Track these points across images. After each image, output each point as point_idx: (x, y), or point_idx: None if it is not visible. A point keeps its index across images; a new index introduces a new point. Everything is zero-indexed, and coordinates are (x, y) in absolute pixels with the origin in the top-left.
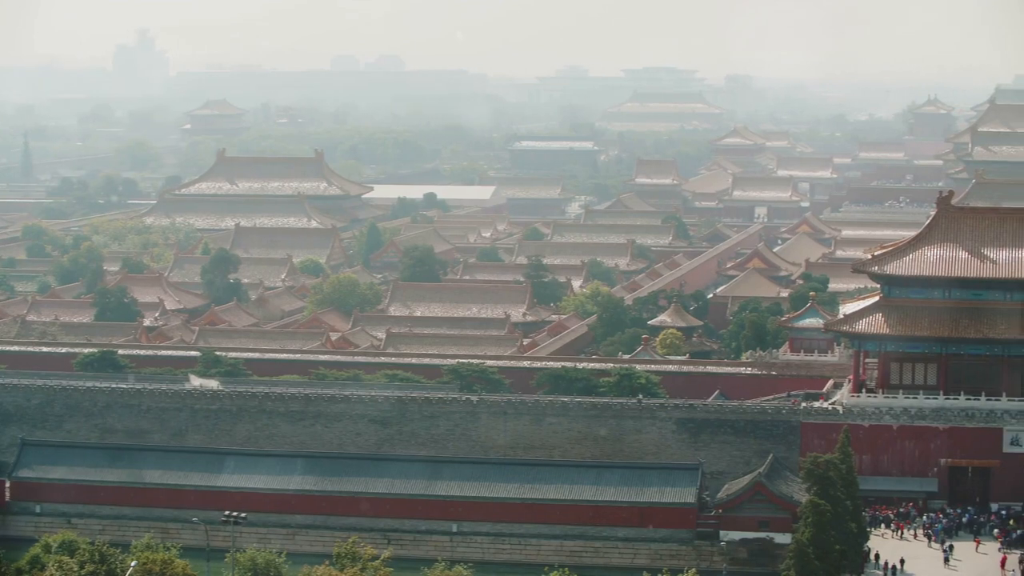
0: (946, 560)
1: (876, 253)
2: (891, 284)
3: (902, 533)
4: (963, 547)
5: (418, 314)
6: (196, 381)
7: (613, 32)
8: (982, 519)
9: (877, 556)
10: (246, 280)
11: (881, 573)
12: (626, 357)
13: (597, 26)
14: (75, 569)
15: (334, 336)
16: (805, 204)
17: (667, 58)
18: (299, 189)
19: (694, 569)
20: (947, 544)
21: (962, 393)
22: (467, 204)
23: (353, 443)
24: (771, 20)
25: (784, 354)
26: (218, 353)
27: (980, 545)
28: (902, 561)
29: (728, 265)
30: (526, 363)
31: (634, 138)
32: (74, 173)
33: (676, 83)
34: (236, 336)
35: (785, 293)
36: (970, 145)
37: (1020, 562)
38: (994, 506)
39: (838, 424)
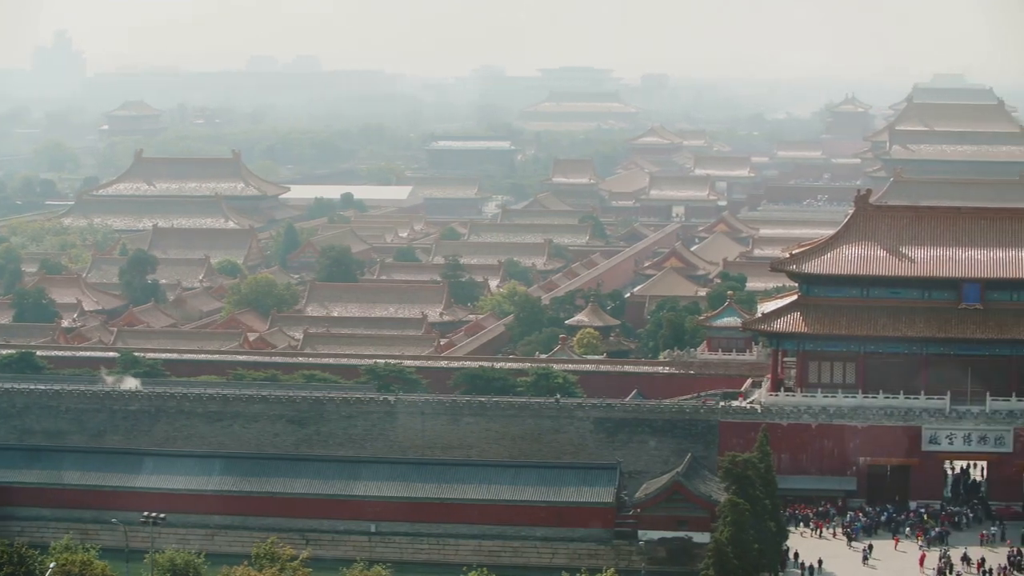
0: (865, 559)
1: (794, 252)
2: (809, 283)
3: (821, 532)
4: (882, 546)
5: (335, 314)
6: (110, 379)
7: (529, 32)
8: (901, 517)
9: (796, 555)
10: (164, 281)
11: (800, 572)
12: (543, 357)
13: (513, 26)
14: None
15: (252, 337)
16: (722, 203)
17: (583, 58)
18: (216, 190)
19: (612, 569)
20: (868, 544)
21: (880, 392)
22: (384, 204)
23: (271, 443)
24: (685, 18)
25: (702, 353)
26: (136, 354)
27: (899, 544)
28: (820, 562)
29: (645, 264)
30: (443, 363)
31: (551, 138)
32: None
33: (592, 82)
34: (154, 337)
35: (703, 292)
36: (888, 144)
37: (940, 559)
38: (913, 504)
39: (756, 423)
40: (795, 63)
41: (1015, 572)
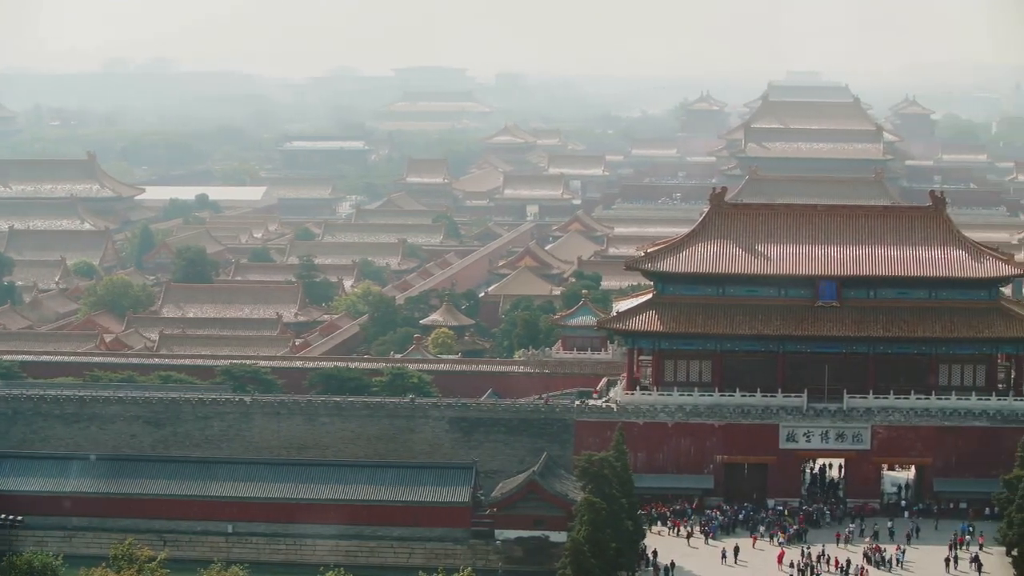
0: (723, 557)
1: (649, 250)
2: (664, 281)
3: (678, 531)
4: (740, 544)
5: (191, 315)
6: None
7: (382, 31)
8: (759, 516)
9: (654, 554)
10: (20, 283)
11: (657, 571)
12: (398, 356)
13: (366, 25)
14: None
15: (108, 338)
16: (577, 202)
17: (437, 57)
18: (72, 191)
19: (470, 568)
20: (732, 544)
21: (737, 390)
22: (239, 205)
23: (128, 444)
24: (540, 17)
25: (557, 352)
26: None
27: (757, 542)
28: (672, 564)
29: (500, 263)
30: (299, 363)
31: (405, 137)
32: None
33: (446, 82)
34: (10, 339)
35: (557, 291)
36: (743, 142)
37: (800, 556)
38: (771, 502)
39: (612, 422)
40: (651, 62)
41: (872, 569)
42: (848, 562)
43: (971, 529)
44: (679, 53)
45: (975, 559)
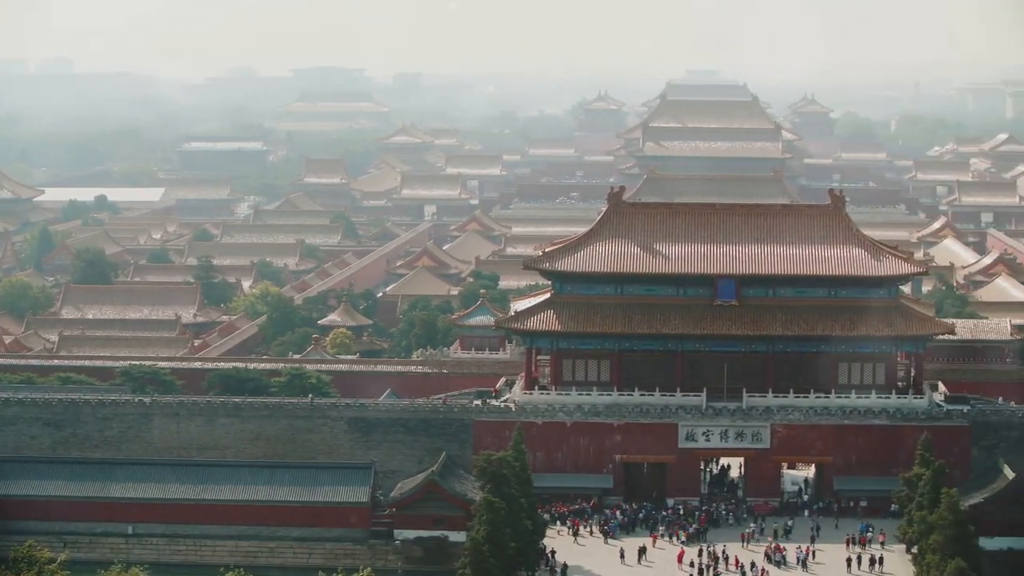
0: (621, 557)
1: (547, 250)
2: (562, 281)
3: (578, 530)
4: (640, 543)
5: (90, 316)
6: None
7: (280, 32)
8: (659, 515)
9: (553, 553)
10: None
11: (558, 571)
12: (297, 357)
13: (264, 26)
14: None
15: (7, 339)
16: (474, 202)
17: (334, 57)
18: None
19: (369, 568)
20: (640, 546)
21: (636, 389)
22: (137, 206)
23: (28, 446)
24: (437, 17)
25: (455, 352)
26: None
27: (657, 541)
28: (565, 565)
29: (398, 264)
30: (197, 364)
31: (303, 138)
32: None
33: (344, 82)
34: None
35: (455, 291)
36: (641, 141)
37: (700, 555)
38: (670, 501)
39: (511, 422)
40: (549, 61)
41: (773, 569)
42: (752, 564)
43: (870, 529)
44: (578, 53)
45: (879, 560)
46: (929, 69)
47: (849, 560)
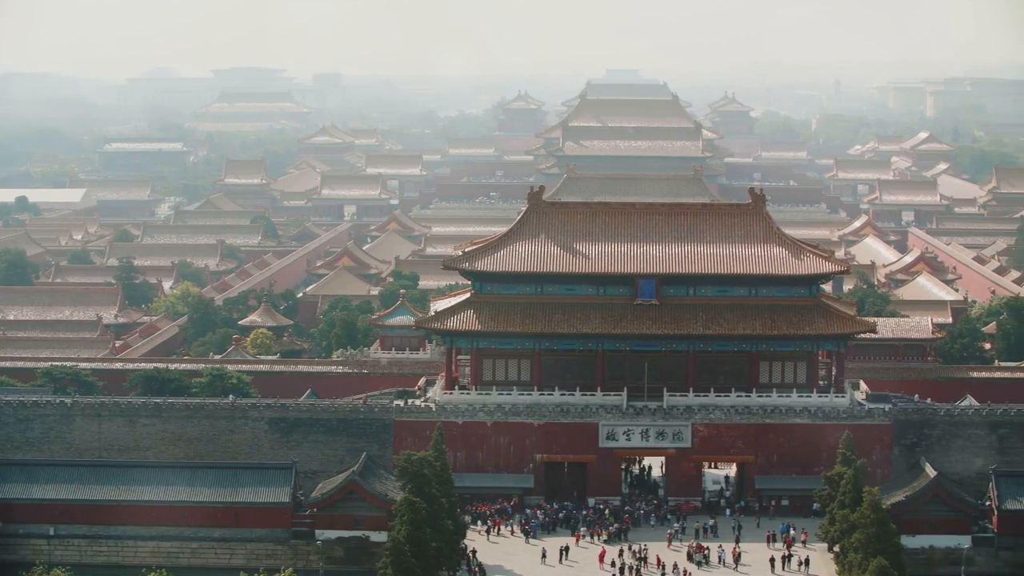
0: (543, 556)
1: (466, 250)
2: (482, 280)
3: (499, 530)
4: (562, 542)
5: (11, 318)
6: None
7: (200, 32)
8: (580, 514)
9: (474, 553)
10: None
11: (472, 571)
12: (217, 357)
13: (184, 27)
14: None
15: None
16: (394, 201)
17: (254, 58)
18: None
19: (291, 569)
20: (563, 545)
21: (556, 389)
22: (58, 207)
23: None
24: (357, 17)
25: (375, 352)
26: None
27: (579, 540)
28: (481, 565)
29: (318, 264)
30: (119, 365)
31: (223, 138)
32: None
33: (264, 82)
34: None
35: (375, 291)
36: (561, 140)
37: (620, 555)
38: (591, 501)
39: (431, 422)
40: (469, 61)
41: (695, 569)
42: (675, 565)
43: (791, 529)
44: (497, 52)
45: (805, 562)
46: (849, 68)
47: (773, 560)
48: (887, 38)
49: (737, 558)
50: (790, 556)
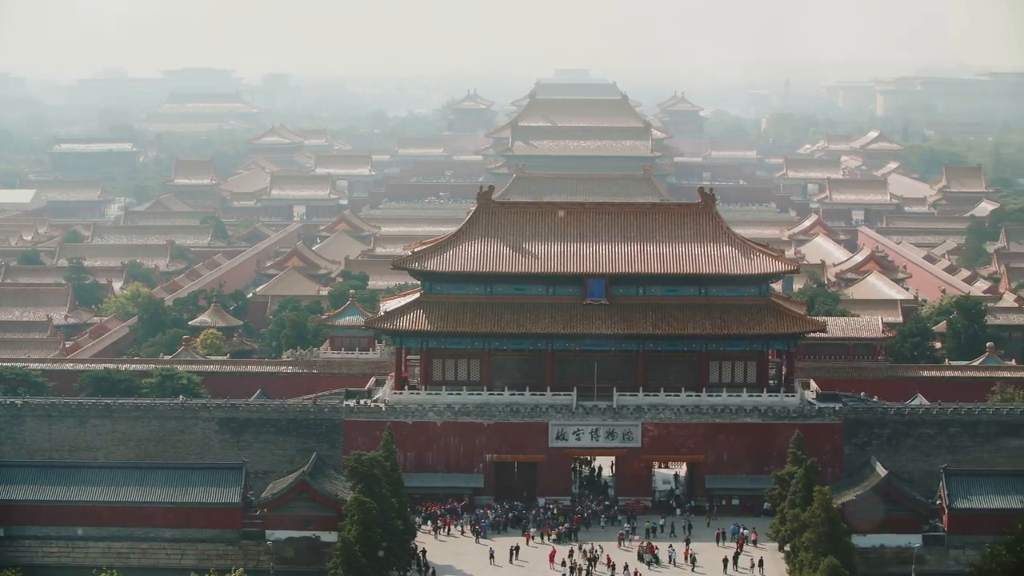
0: (492, 556)
1: (416, 250)
2: (431, 280)
3: (449, 530)
4: (512, 542)
5: None
6: None
7: (150, 33)
8: (529, 514)
9: (424, 553)
10: None
11: (422, 571)
12: (167, 358)
13: (134, 27)
14: None
15: None
16: (344, 202)
17: (204, 58)
18: None
19: (241, 569)
20: (514, 545)
21: (506, 388)
22: (7, 208)
23: None
24: (305, 18)
25: (325, 352)
26: None
27: (529, 540)
28: (430, 565)
29: (267, 264)
30: (69, 366)
31: (173, 139)
32: None
33: (214, 83)
34: None
35: (325, 291)
36: (510, 140)
37: (570, 555)
38: (541, 500)
39: (381, 422)
40: (418, 61)
41: (644, 568)
42: (626, 566)
43: (741, 529)
44: (447, 52)
45: (759, 563)
46: (799, 67)
47: (726, 560)
48: (837, 37)
49: (693, 560)
50: (738, 555)
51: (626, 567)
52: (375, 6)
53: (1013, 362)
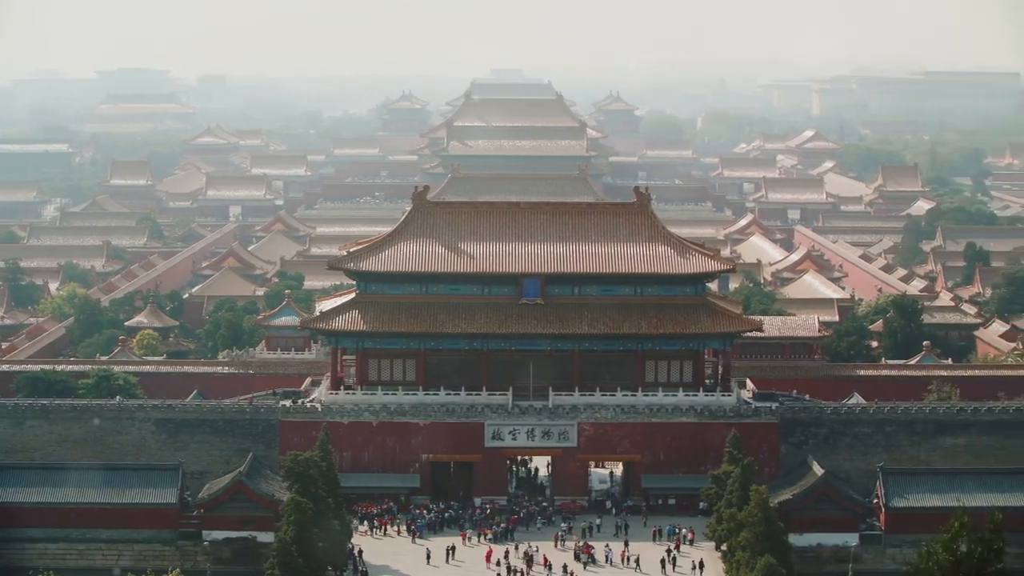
0: (428, 556)
1: (351, 250)
2: (367, 280)
3: (385, 530)
4: (448, 542)
5: None
6: None
7: (85, 34)
8: (466, 514)
9: (360, 553)
10: None
11: (356, 572)
12: (104, 359)
13: (69, 28)
14: None
15: None
16: (280, 202)
17: (139, 59)
18: None
19: (178, 570)
20: (450, 545)
21: (442, 388)
22: None
23: None
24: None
25: (261, 352)
26: None
27: (466, 540)
28: (364, 566)
29: (203, 264)
30: (5, 367)
31: (109, 139)
32: None
33: (149, 83)
34: None
35: (261, 291)
36: (446, 140)
37: (506, 556)
38: (477, 500)
39: (317, 422)
40: (354, 61)
41: (579, 568)
42: (565, 567)
43: (677, 530)
44: (382, 52)
45: (699, 564)
46: (735, 67)
47: (664, 561)
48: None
49: (637, 562)
50: (670, 551)
51: (565, 568)
52: (310, 7)
53: (949, 361)
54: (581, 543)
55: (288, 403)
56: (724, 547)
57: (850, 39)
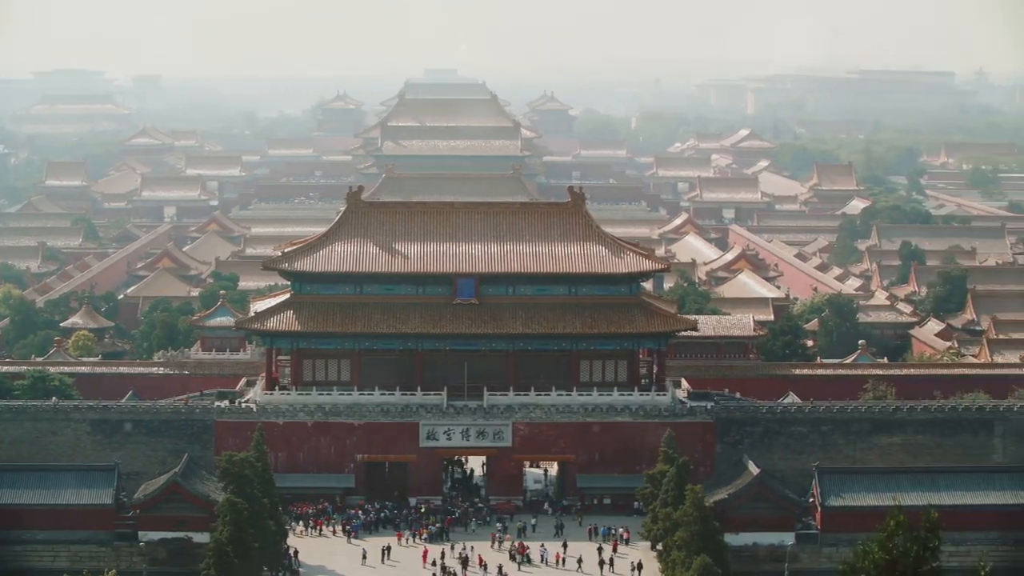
0: (364, 556)
1: (286, 250)
2: (301, 281)
3: (320, 530)
4: (384, 542)
5: None
6: None
7: (19, 34)
8: (401, 514)
9: (296, 553)
10: None
11: (301, 571)
12: (39, 360)
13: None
14: None
15: None
16: (214, 203)
17: (74, 60)
18: None
19: (114, 570)
20: (385, 545)
21: (376, 388)
22: None
23: None
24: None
25: (196, 353)
26: None
27: (401, 540)
28: (297, 566)
29: (138, 265)
30: None
31: (44, 140)
32: None
33: (85, 84)
34: None
35: (196, 292)
36: (380, 140)
37: (442, 556)
38: (412, 500)
39: (252, 422)
40: (288, 62)
41: (514, 568)
42: (500, 567)
43: (612, 530)
44: (317, 53)
45: (638, 566)
46: (670, 66)
47: (602, 563)
48: (706, 36)
49: (579, 562)
50: (601, 549)
51: (500, 568)
52: (245, 7)
53: (885, 360)
54: (516, 543)
55: (223, 404)
56: (660, 546)
57: (787, 39)
